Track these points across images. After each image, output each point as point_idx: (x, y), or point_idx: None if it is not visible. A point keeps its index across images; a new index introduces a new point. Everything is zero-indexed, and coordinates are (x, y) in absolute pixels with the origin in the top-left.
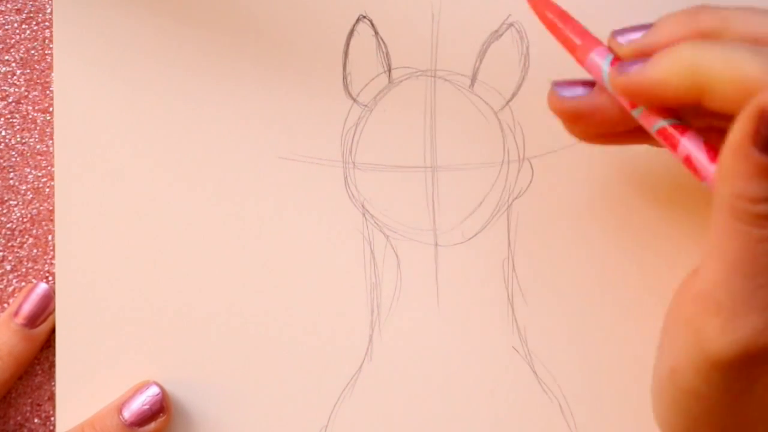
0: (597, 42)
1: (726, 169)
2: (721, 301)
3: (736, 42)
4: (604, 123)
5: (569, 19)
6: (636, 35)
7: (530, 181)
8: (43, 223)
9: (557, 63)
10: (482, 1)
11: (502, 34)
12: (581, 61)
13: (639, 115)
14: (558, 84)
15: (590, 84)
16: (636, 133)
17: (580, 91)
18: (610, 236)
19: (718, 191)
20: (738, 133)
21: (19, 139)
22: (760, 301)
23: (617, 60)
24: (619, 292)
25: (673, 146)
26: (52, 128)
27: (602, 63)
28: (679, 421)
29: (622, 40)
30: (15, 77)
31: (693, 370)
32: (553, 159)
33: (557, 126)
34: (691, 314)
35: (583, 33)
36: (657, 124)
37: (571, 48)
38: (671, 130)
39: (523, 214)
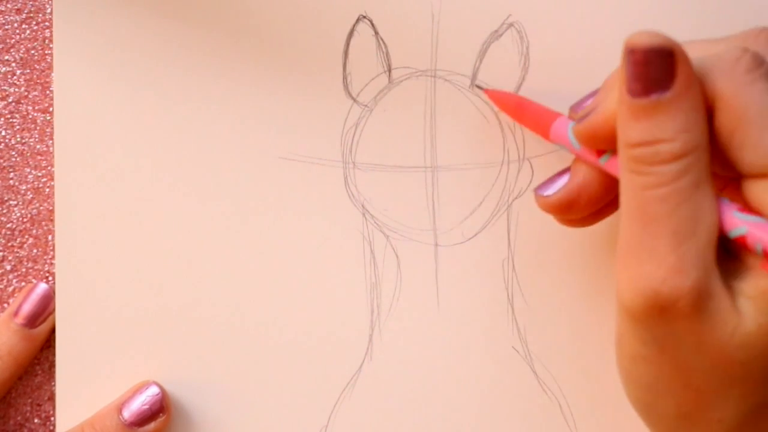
0: (558, 114)
1: (617, 123)
2: (624, 254)
3: None
4: (591, 200)
5: (529, 103)
6: (588, 100)
7: (530, 181)
8: (43, 223)
9: (557, 63)
10: (482, 1)
11: (502, 34)
12: (547, 136)
13: (605, 162)
14: (538, 188)
15: (565, 171)
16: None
17: (559, 182)
18: (610, 236)
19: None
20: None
21: (19, 139)
22: (652, 251)
23: None
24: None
25: None
26: (52, 128)
27: (567, 128)
28: (639, 394)
29: (578, 109)
30: (15, 77)
31: (625, 330)
32: (553, 159)
33: None
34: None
35: (545, 111)
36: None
37: (536, 127)
38: None
39: (523, 214)
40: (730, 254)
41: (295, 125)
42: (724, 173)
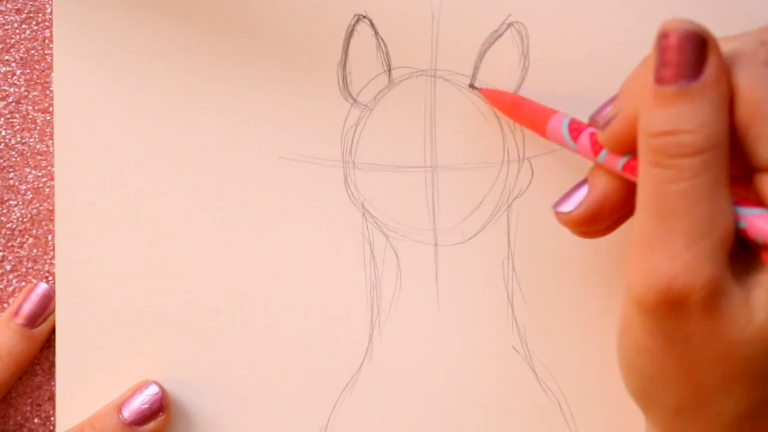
0: (553, 111)
1: (641, 113)
2: (638, 247)
3: None
4: (614, 209)
5: (525, 101)
6: (608, 107)
7: (530, 181)
8: (43, 223)
9: (557, 63)
10: (482, 1)
11: (502, 34)
12: (544, 134)
13: (603, 159)
14: (557, 204)
15: (582, 184)
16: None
17: (577, 196)
18: (610, 235)
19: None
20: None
21: (19, 139)
22: (667, 246)
23: (575, 121)
24: (619, 292)
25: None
26: (52, 128)
27: (561, 125)
28: (640, 385)
29: (598, 116)
30: (15, 77)
31: (632, 321)
32: (553, 159)
33: None
34: (626, 266)
35: (540, 108)
36: (620, 161)
37: (533, 125)
38: (633, 163)
39: (523, 214)
40: (746, 248)
41: (295, 125)
42: (733, 171)
